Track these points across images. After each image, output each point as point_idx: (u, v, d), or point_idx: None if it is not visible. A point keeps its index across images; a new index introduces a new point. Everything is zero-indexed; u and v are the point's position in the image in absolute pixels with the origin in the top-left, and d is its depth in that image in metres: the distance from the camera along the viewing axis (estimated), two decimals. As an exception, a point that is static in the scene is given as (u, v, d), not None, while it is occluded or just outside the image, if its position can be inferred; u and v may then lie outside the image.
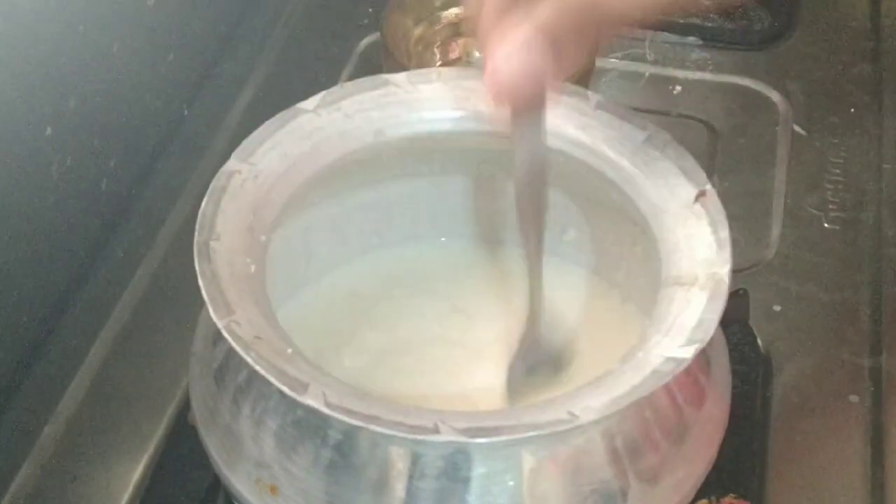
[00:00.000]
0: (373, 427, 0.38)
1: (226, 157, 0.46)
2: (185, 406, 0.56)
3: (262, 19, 0.82)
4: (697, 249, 0.44)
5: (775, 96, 0.76)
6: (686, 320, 0.42)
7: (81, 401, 0.59)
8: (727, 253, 0.44)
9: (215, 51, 0.78)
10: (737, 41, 0.79)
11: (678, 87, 0.77)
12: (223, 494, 0.53)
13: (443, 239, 0.58)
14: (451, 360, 0.55)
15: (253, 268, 0.43)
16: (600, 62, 0.75)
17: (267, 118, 0.48)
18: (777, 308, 0.63)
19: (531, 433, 0.38)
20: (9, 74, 0.55)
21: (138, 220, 0.68)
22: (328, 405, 0.38)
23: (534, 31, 0.40)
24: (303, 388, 0.39)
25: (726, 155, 0.72)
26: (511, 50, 0.40)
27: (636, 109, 0.49)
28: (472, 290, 0.57)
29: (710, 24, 0.80)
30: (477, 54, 0.71)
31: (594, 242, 0.55)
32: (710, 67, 0.78)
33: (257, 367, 0.39)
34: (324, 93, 0.49)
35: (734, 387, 0.48)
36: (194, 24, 0.74)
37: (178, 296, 0.63)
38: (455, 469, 0.40)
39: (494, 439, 0.38)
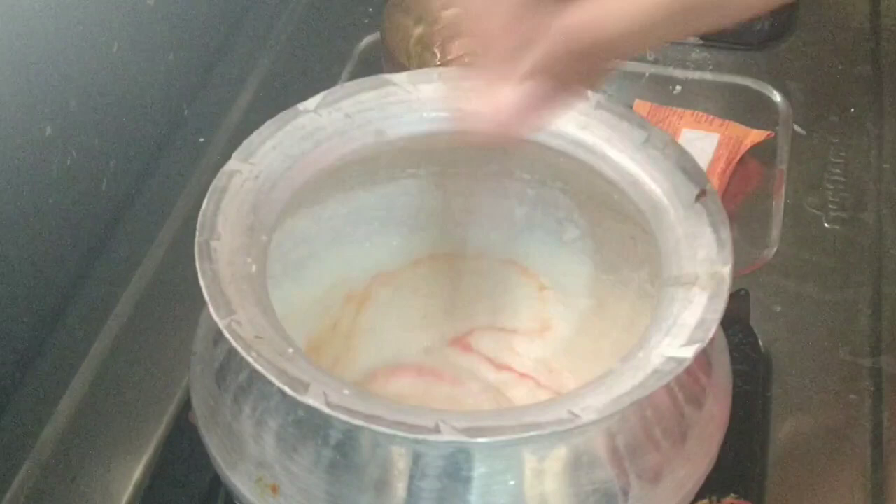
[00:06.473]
0: (374, 427, 0.38)
1: (226, 157, 0.46)
2: (186, 406, 0.56)
3: (262, 19, 0.82)
4: (698, 249, 0.44)
5: (775, 96, 0.76)
6: (687, 320, 0.42)
7: (81, 401, 0.59)
8: (728, 252, 0.44)
9: (215, 51, 0.78)
10: (737, 41, 0.79)
11: (678, 87, 0.77)
12: (224, 494, 0.53)
13: (442, 238, 0.58)
14: (451, 360, 0.55)
15: (254, 267, 0.43)
16: (600, 62, 0.75)
17: (267, 118, 0.48)
18: (777, 308, 0.63)
19: (532, 433, 0.38)
20: (9, 74, 0.55)
21: (138, 220, 0.68)
22: (329, 405, 0.38)
23: (536, 69, 0.38)
24: (304, 387, 0.39)
25: (726, 155, 0.72)
26: (512, 93, 0.38)
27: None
28: (473, 287, 0.57)
29: (710, 24, 0.80)
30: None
31: (595, 242, 0.55)
32: (710, 67, 0.78)
33: (258, 367, 0.39)
34: (324, 93, 0.49)
35: (735, 387, 0.48)
36: (194, 24, 0.74)
37: (178, 296, 0.63)
38: (456, 469, 0.40)
39: (495, 439, 0.38)
